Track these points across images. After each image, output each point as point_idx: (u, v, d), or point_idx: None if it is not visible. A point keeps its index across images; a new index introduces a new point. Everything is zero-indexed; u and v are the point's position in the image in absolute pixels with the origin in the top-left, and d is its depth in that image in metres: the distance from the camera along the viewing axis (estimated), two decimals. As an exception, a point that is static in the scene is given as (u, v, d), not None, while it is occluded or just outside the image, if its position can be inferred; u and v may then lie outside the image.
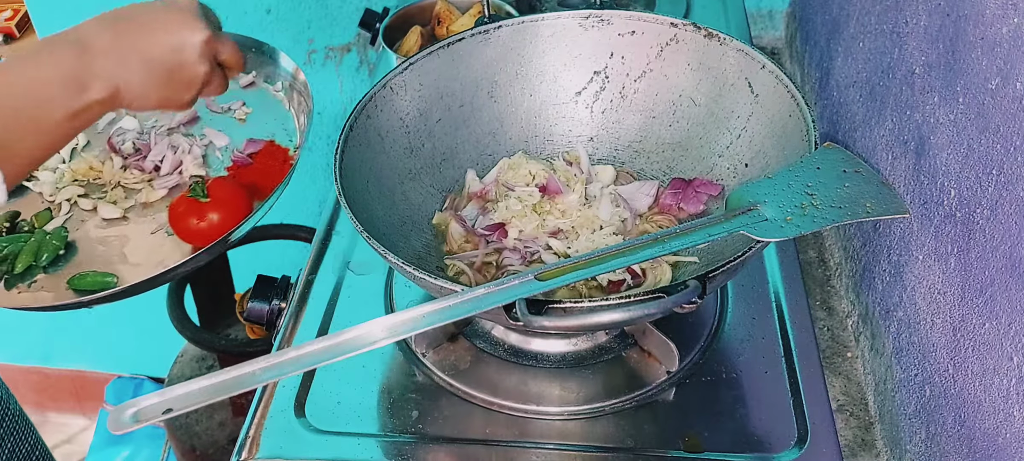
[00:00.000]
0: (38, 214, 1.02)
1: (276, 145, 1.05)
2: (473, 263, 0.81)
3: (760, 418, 0.74)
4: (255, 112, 1.12)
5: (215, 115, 1.11)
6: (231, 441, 1.56)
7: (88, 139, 1.10)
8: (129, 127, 1.11)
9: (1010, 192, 0.58)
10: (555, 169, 0.89)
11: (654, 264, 0.79)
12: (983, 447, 0.62)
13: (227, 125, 1.10)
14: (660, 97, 0.89)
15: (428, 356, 0.80)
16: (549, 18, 0.89)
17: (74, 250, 0.97)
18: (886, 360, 0.82)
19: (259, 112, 1.12)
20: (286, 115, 1.10)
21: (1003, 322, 0.59)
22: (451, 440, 0.74)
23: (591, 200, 0.86)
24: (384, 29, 1.14)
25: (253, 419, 0.76)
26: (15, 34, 1.73)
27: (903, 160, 0.79)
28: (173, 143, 1.07)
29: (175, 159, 1.06)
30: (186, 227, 0.94)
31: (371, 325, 0.59)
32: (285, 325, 0.86)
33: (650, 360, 0.79)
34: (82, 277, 0.93)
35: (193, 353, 1.68)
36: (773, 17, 1.42)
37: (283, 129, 1.08)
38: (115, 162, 1.07)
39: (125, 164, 1.07)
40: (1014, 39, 0.58)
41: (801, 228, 0.66)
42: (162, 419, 0.55)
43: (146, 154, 1.07)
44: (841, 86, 1.00)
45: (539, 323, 0.62)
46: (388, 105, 0.84)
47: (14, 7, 1.75)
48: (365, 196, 0.78)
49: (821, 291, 0.98)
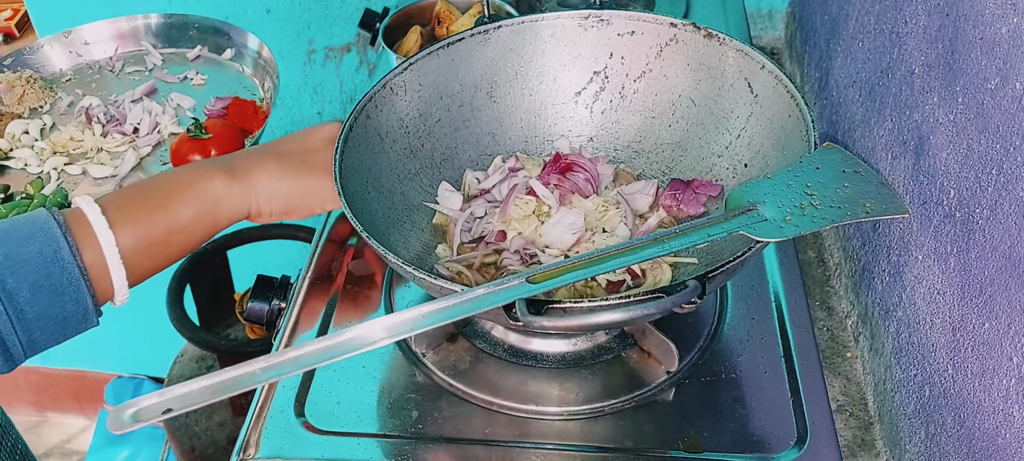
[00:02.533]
0: (33, 181, 1.02)
1: (242, 100, 1.08)
2: (472, 264, 0.81)
3: (760, 418, 0.74)
4: (210, 79, 1.16)
5: (172, 84, 1.16)
6: (231, 441, 1.56)
7: (53, 121, 1.12)
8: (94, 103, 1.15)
9: (1010, 192, 0.58)
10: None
11: (653, 264, 0.79)
12: (983, 447, 0.62)
13: (187, 91, 1.15)
14: (660, 97, 0.89)
15: (428, 356, 0.80)
16: (549, 18, 0.89)
17: None
18: (885, 360, 0.82)
19: (213, 79, 1.17)
20: (241, 76, 1.16)
21: (1003, 322, 0.59)
22: (451, 440, 0.74)
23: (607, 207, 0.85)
24: (384, 29, 1.14)
25: (253, 419, 0.76)
26: (15, 34, 1.73)
27: (902, 160, 0.79)
28: (146, 108, 1.11)
29: (151, 121, 1.09)
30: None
31: (371, 325, 0.59)
32: (285, 325, 0.86)
33: (650, 360, 0.79)
34: None
35: (193, 353, 1.68)
36: (773, 17, 1.42)
37: (243, 88, 1.13)
38: (95, 129, 1.09)
39: (105, 131, 1.09)
40: (1013, 39, 0.58)
41: (800, 228, 0.66)
42: (162, 419, 0.55)
43: (122, 121, 1.10)
44: (840, 86, 1.00)
45: (539, 323, 0.62)
46: (388, 105, 0.84)
47: (14, 7, 1.75)
48: (365, 196, 0.78)
49: (821, 291, 0.98)
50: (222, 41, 1.21)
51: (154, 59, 1.21)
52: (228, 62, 1.19)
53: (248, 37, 1.19)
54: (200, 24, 1.22)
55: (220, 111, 1.06)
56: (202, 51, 1.22)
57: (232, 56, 1.19)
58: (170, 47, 1.23)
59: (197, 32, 1.22)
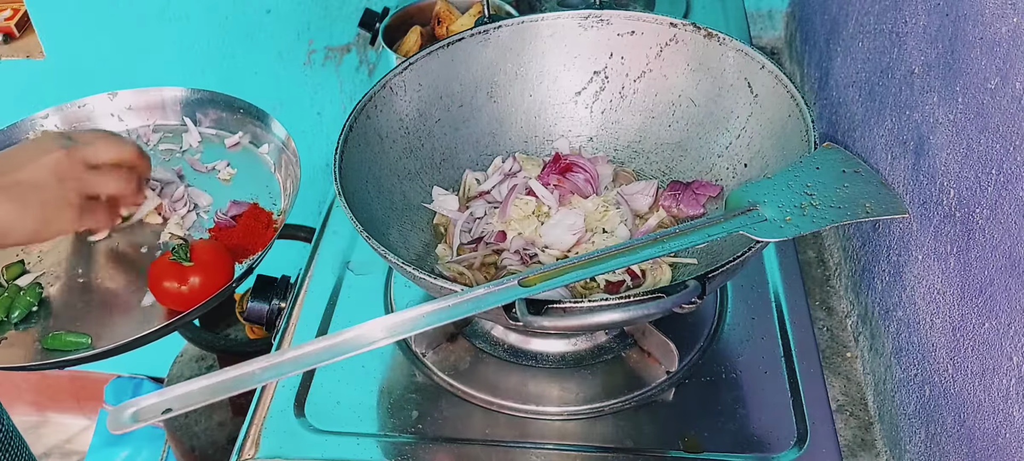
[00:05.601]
0: (8, 266, 0.96)
1: (260, 208, 1.00)
2: (472, 264, 0.81)
3: (760, 418, 0.74)
4: (240, 173, 1.08)
5: (199, 174, 1.07)
6: (231, 441, 1.56)
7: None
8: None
9: (1010, 192, 0.58)
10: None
11: (653, 265, 0.79)
12: (983, 447, 0.62)
13: (211, 185, 1.06)
14: (659, 97, 0.89)
15: (428, 356, 0.80)
16: (549, 18, 0.89)
17: (48, 307, 0.92)
18: (885, 360, 0.82)
19: (243, 173, 1.08)
20: (271, 177, 1.07)
21: (1003, 322, 0.59)
22: (451, 440, 0.74)
23: (607, 208, 0.85)
24: (384, 29, 1.14)
25: (253, 419, 0.76)
26: (15, 34, 1.73)
27: (902, 160, 0.79)
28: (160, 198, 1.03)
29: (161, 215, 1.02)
30: (166, 290, 0.89)
31: (370, 325, 0.59)
32: (285, 325, 0.86)
33: (650, 360, 0.79)
34: (55, 337, 0.87)
35: (192, 353, 1.68)
36: (773, 17, 1.42)
37: (267, 192, 1.04)
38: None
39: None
40: (1013, 39, 0.58)
41: (800, 228, 0.66)
42: (161, 419, 0.55)
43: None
44: (840, 86, 1.00)
45: (539, 323, 0.62)
46: (388, 105, 0.84)
47: (14, 7, 1.75)
48: (364, 196, 0.78)
49: (820, 291, 0.98)
50: (261, 133, 1.12)
51: (191, 139, 1.12)
52: (264, 156, 1.09)
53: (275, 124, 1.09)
54: (246, 108, 1.13)
55: (228, 222, 0.98)
56: (242, 139, 1.12)
57: (269, 151, 1.10)
58: (213, 127, 1.14)
59: (243, 115, 1.13)
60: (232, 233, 0.97)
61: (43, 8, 1.65)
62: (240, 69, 1.67)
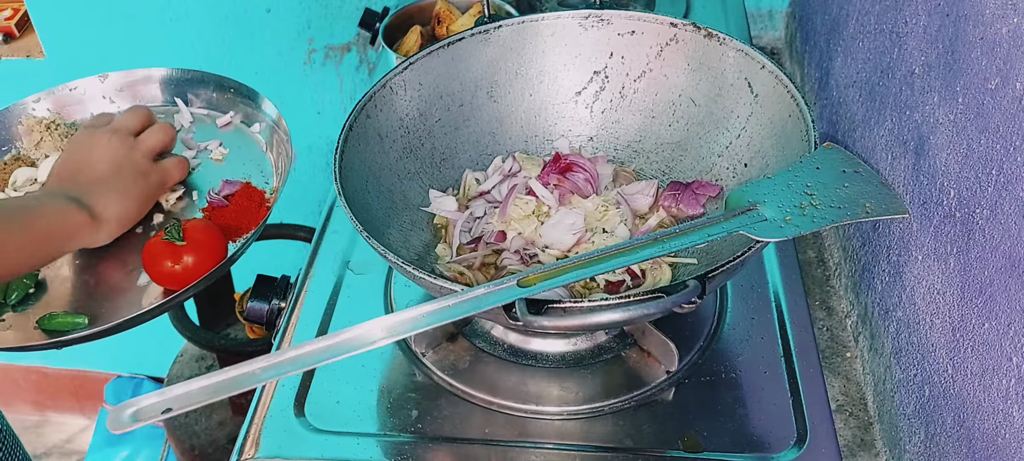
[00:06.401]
0: None
1: (253, 187, 1.01)
2: (472, 264, 0.81)
3: (759, 418, 0.74)
4: (232, 153, 1.08)
5: (192, 154, 1.08)
6: (231, 441, 1.56)
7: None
8: None
9: (1010, 192, 0.58)
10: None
11: (653, 265, 0.79)
12: (982, 447, 0.62)
13: (203, 164, 1.07)
14: (660, 97, 0.89)
15: (428, 356, 0.80)
16: (549, 18, 0.89)
17: (44, 288, 0.92)
18: (885, 360, 0.82)
19: (236, 153, 1.08)
20: (263, 157, 1.07)
21: (1002, 322, 0.59)
22: (450, 440, 0.74)
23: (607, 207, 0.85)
24: (384, 29, 1.14)
25: (253, 419, 0.76)
26: (15, 34, 1.73)
27: (902, 160, 0.79)
28: None
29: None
30: (160, 269, 0.89)
31: (370, 325, 0.59)
32: (284, 325, 0.86)
33: (649, 360, 0.79)
34: (52, 318, 0.87)
35: (192, 353, 1.68)
36: (773, 17, 1.42)
37: (260, 172, 1.05)
38: None
39: None
40: (1014, 39, 0.58)
41: (800, 228, 0.66)
42: (161, 418, 0.55)
43: None
44: (841, 86, 1.00)
45: (538, 323, 0.62)
46: (388, 105, 0.84)
47: (14, 7, 1.75)
48: (364, 196, 0.78)
49: (820, 291, 0.98)
50: (253, 112, 1.12)
51: (183, 119, 1.13)
52: (256, 136, 1.10)
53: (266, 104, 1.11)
54: (236, 88, 1.13)
55: (221, 202, 0.99)
56: (234, 118, 1.13)
57: (261, 130, 1.10)
58: (205, 107, 1.15)
59: (234, 95, 1.14)
60: (225, 212, 0.98)
61: (43, 8, 1.65)
62: (240, 68, 1.67)
